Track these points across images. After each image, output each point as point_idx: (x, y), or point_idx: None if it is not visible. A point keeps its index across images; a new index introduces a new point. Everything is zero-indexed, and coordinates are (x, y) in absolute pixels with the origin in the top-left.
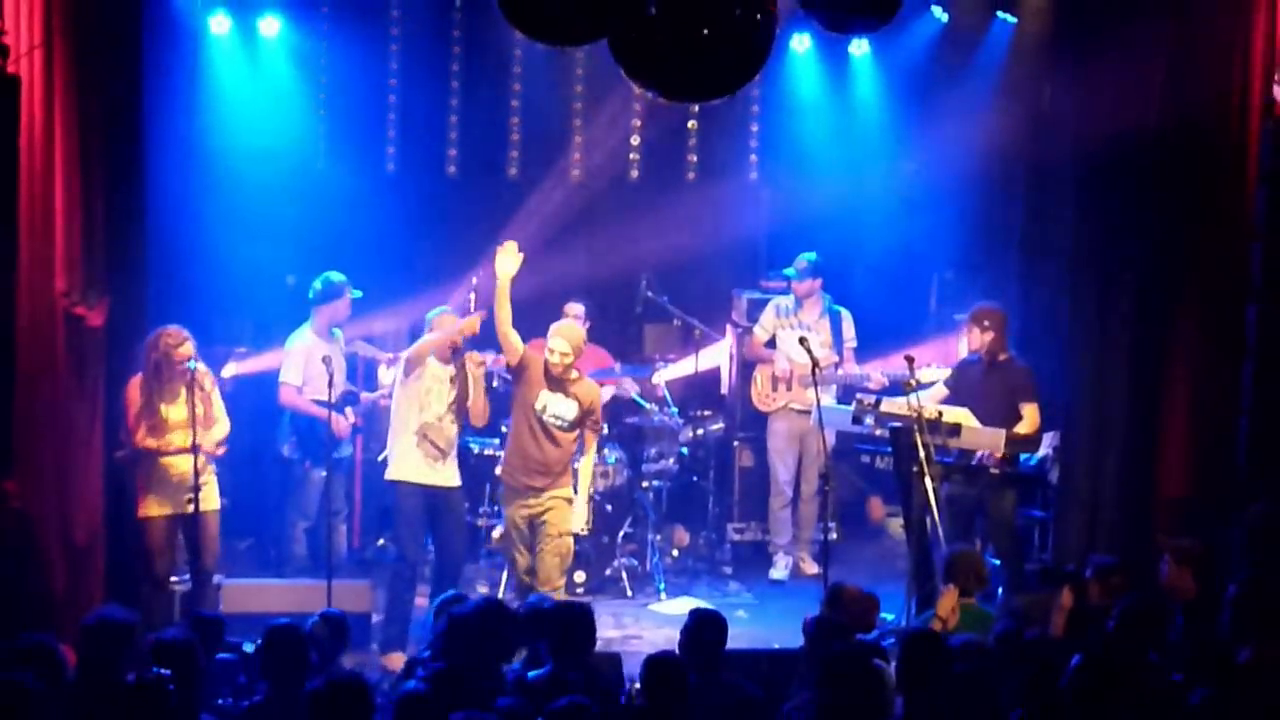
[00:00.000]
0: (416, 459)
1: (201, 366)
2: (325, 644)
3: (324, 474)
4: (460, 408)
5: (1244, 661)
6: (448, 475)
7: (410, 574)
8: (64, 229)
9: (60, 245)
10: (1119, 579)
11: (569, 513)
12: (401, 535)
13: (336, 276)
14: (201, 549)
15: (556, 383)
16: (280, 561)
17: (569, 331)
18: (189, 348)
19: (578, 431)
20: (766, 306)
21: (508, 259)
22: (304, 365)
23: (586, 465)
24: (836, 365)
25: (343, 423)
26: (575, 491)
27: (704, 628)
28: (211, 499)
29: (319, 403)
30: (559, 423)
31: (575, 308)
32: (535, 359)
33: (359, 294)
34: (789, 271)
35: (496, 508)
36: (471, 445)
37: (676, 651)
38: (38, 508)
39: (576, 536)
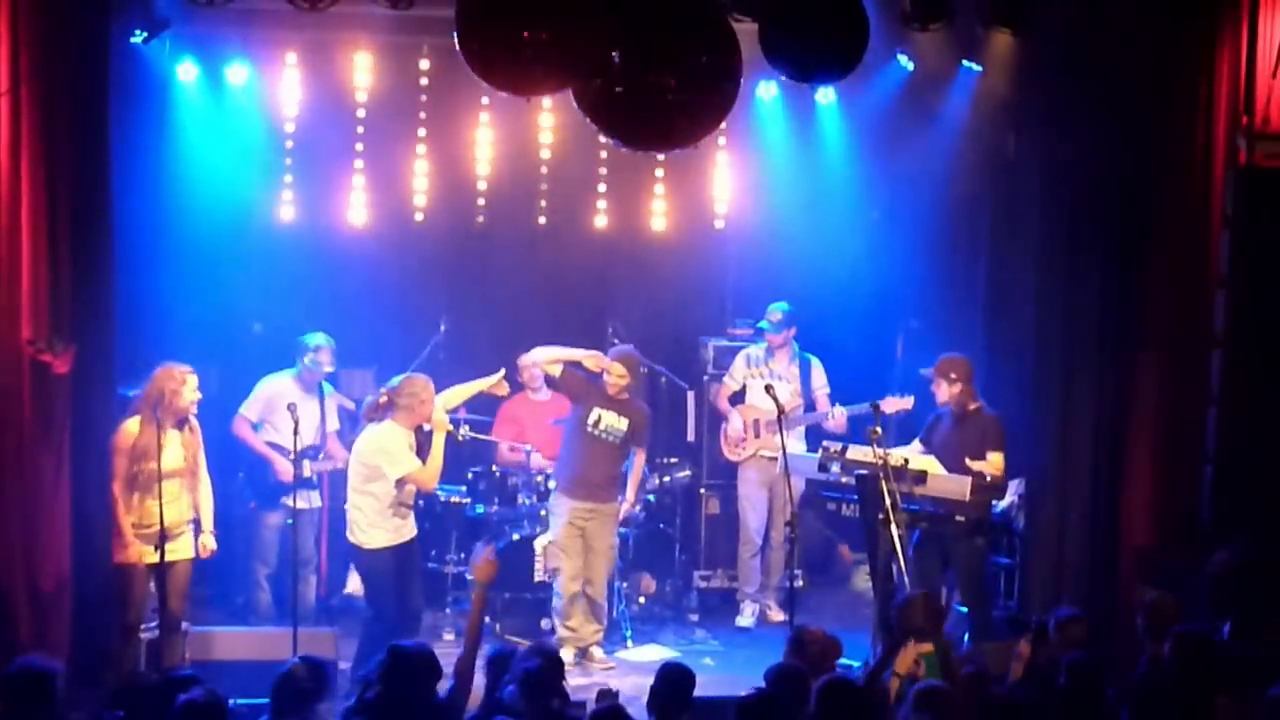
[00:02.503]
0: (394, 525)
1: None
2: (307, 687)
3: (279, 519)
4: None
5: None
6: (411, 526)
7: (384, 632)
8: (30, 276)
9: (26, 293)
10: (1078, 629)
11: (614, 526)
12: (380, 598)
13: (310, 339)
14: (171, 596)
15: (612, 401)
16: (246, 609)
17: (628, 360)
18: (194, 389)
19: (629, 448)
20: (737, 357)
21: (495, 383)
22: (266, 405)
23: (635, 475)
24: (806, 409)
25: (288, 471)
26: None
27: (673, 680)
28: (187, 548)
29: (272, 445)
30: (610, 437)
31: (526, 357)
32: (584, 381)
33: (329, 342)
34: (764, 325)
35: (463, 554)
36: (439, 493)
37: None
38: (3, 555)
39: (541, 584)
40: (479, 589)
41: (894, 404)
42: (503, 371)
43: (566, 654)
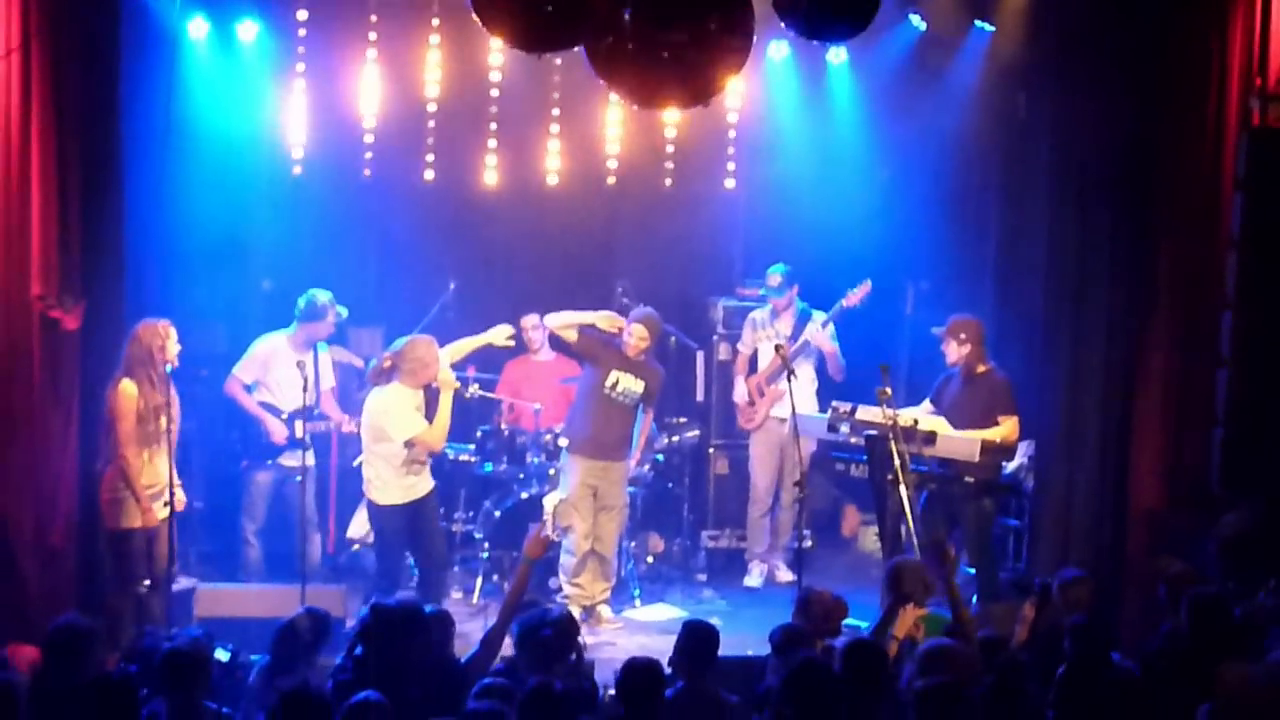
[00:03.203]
0: (407, 483)
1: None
2: (308, 639)
3: (269, 477)
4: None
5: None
6: (427, 481)
7: (392, 588)
8: (40, 232)
9: (36, 249)
10: (1082, 591)
11: (625, 484)
12: (388, 554)
13: (323, 296)
14: (159, 555)
15: (629, 363)
16: (235, 566)
17: (650, 322)
18: (175, 342)
19: (640, 408)
20: (745, 323)
21: (500, 337)
22: (261, 367)
23: (644, 433)
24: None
25: (280, 431)
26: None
27: (696, 638)
28: (175, 503)
29: (265, 406)
30: (626, 399)
31: (529, 319)
32: (603, 343)
33: (345, 312)
34: (765, 292)
35: (472, 513)
36: (448, 451)
37: (657, 659)
38: (12, 510)
39: (551, 544)
40: (525, 564)
41: (854, 296)
42: (509, 328)
43: (574, 611)
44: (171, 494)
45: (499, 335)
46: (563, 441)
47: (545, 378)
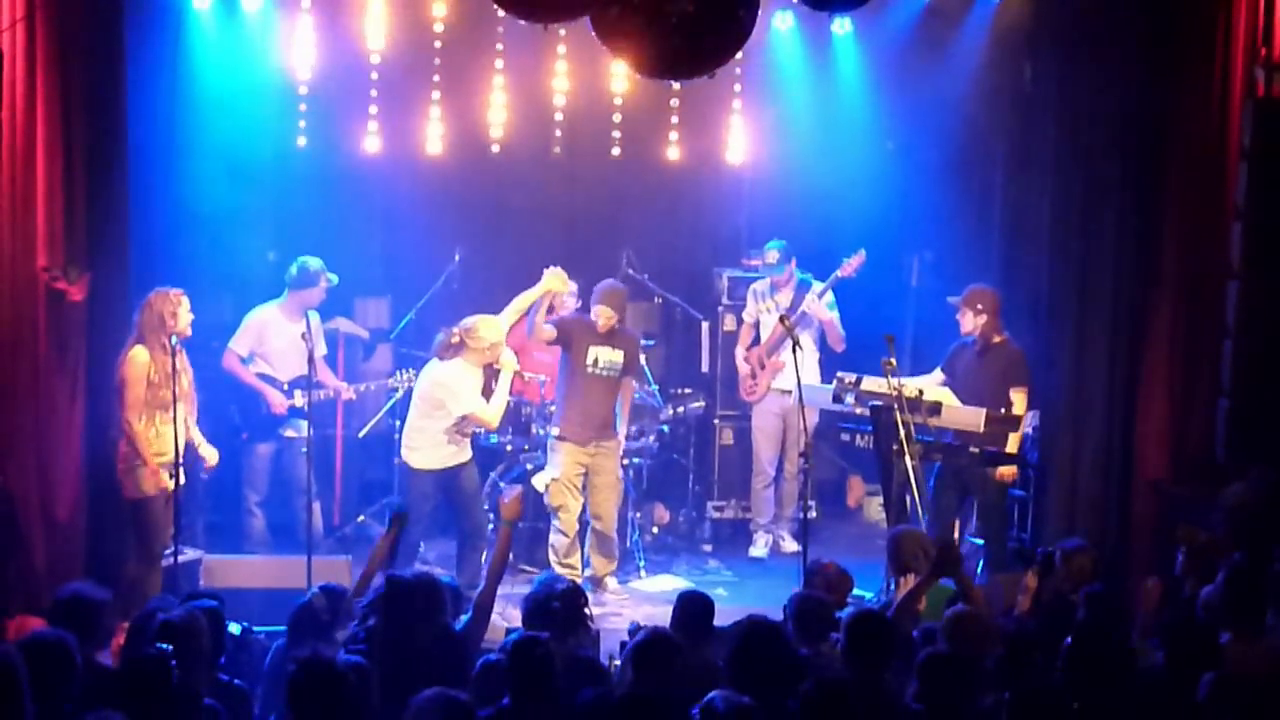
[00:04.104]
0: (447, 452)
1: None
2: (325, 618)
3: (270, 448)
4: None
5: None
6: (467, 451)
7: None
8: (45, 204)
9: (42, 221)
10: (1085, 560)
11: (618, 459)
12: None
13: (314, 263)
14: (173, 522)
15: (604, 337)
16: (239, 536)
17: (611, 297)
18: (188, 310)
19: (623, 379)
20: (747, 295)
21: (557, 280)
22: (256, 338)
23: (625, 406)
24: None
25: (280, 402)
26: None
27: (692, 607)
28: (183, 474)
29: (264, 377)
30: (610, 371)
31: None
32: (574, 325)
33: (335, 279)
34: (763, 269)
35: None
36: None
37: (663, 628)
38: (19, 483)
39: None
40: (505, 526)
41: (849, 265)
42: (561, 271)
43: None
44: (177, 466)
45: (557, 281)
46: (553, 430)
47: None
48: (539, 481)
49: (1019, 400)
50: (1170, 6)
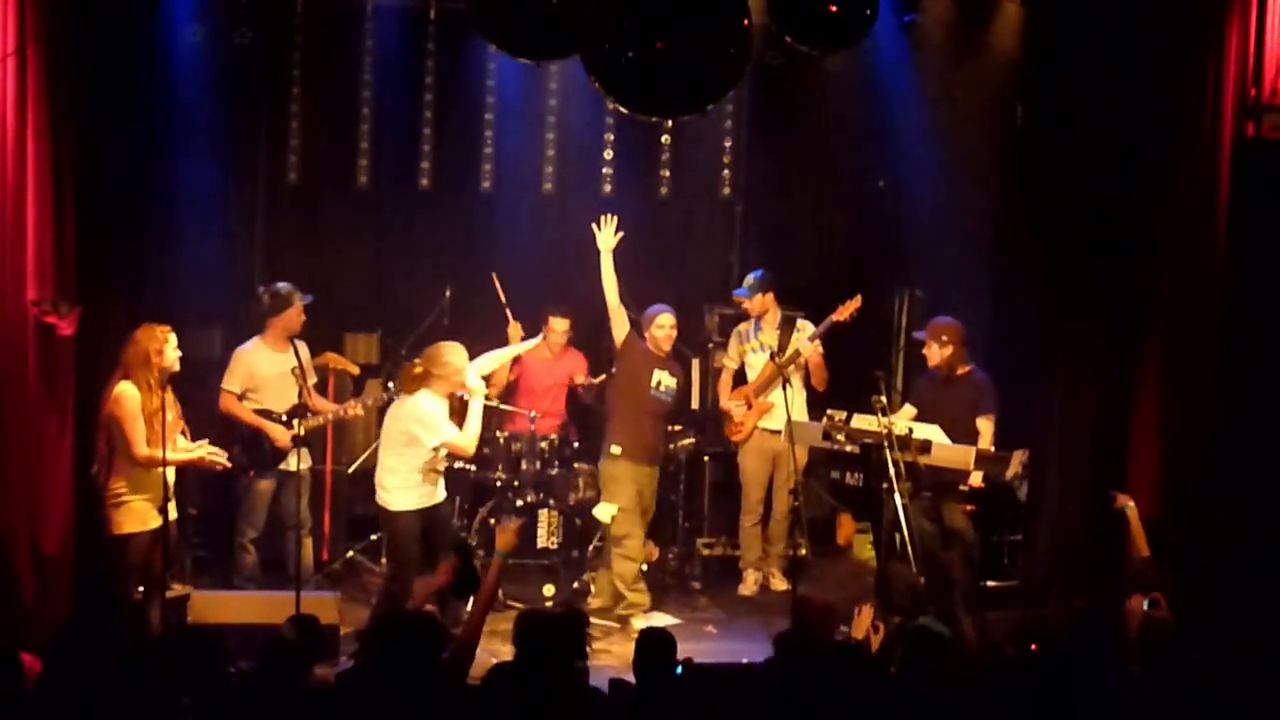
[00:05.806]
0: (424, 491)
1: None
2: (297, 648)
3: (270, 484)
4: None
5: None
6: (442, 490)
7: (403, 592)
8: (35, 238)
9: (31, 254)
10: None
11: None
12: (403, 559)
13: (282, 286)
14: (154, 562)
15: (663, 361)
16: (230, 573)
17: (669, 312)
18: (175, 347)
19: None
20: (730, 337)
21: (608, 234)
22: (246, 375)
23: None
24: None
25: (283, 435)
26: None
27: (652, 646)
28: (172, 509)
29: (260, 412)
30: (667, 396)
31: (561, 323)
32: (634, 349)
33: (307, 299)
34: (740, 291)
35: (466, 520)
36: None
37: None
38: (7, 517)
39: (544, 550)
40: (498, 558)
41: (844, 311)
42: (519, 328)
43: (638, 622)
44: (166, 502)
45: (527, 347)
46: (615, 450)
47: (557, 374)
48: (603, 514)
49: (985, 430)
50: (1159, 49)
